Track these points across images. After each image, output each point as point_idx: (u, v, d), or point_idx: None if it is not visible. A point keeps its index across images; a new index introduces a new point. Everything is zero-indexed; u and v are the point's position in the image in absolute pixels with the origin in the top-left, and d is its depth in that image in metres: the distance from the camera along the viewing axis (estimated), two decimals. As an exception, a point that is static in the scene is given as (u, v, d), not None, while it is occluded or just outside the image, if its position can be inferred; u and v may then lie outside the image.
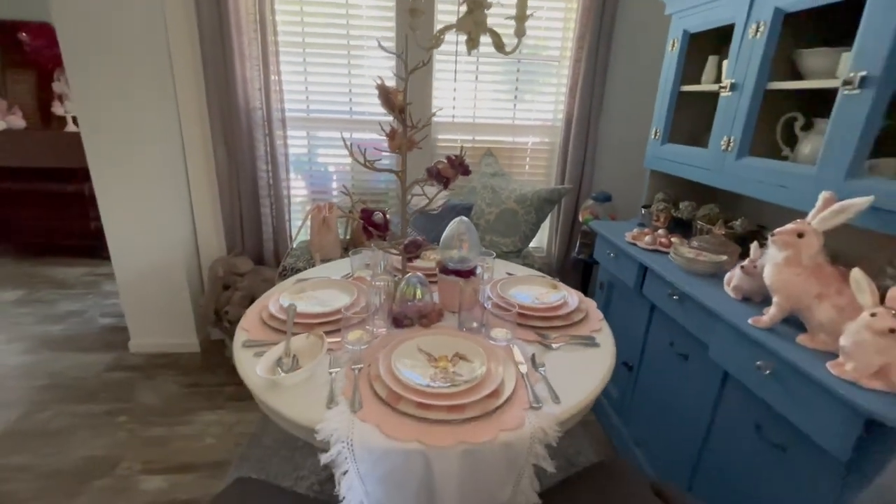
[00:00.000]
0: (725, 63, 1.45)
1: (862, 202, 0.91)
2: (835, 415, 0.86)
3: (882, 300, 0.85)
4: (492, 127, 2.50)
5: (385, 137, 1.25)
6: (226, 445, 1.76)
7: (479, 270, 1.25)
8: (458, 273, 1.22)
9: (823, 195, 1.01)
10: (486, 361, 0.95)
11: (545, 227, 2.65)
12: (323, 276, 1.41)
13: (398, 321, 1.16)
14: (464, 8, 1.05)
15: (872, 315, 0.82)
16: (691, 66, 1.66)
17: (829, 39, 1.23)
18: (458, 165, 1.20)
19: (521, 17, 1.07)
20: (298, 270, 2.04)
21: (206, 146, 2.24)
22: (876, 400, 0.81)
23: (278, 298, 1.21)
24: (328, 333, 1.08)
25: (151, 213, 2.13)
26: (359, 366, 0.96)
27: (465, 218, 1.23)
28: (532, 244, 2.70)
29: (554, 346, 1.10)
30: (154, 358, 2.30)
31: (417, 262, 1.47)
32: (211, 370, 2.24)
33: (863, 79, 0.98)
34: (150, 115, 1.99)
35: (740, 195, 1.58)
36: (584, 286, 2.47)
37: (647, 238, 1.62)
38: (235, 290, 2.20)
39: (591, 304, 1.31)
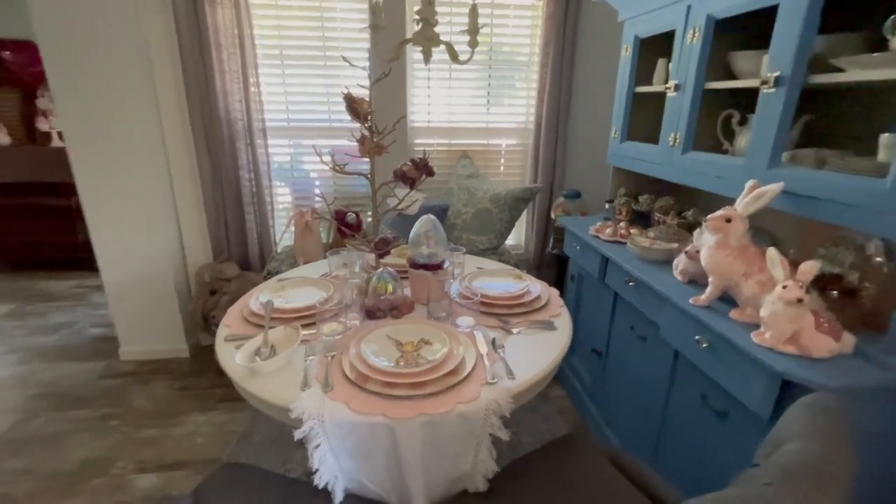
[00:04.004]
0: (671, 65, 1.56)
1: (774, 188, 1.02)
2: (757, 378, 0.97)
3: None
4: (467, 130, 2.61)
5: (357, 144, 1.35)
6: (217, 444, 1.83)
7: (446, 264, 1.35)
8: (426, 267, 1.31)
9: (748, 184, 1.12)
10: (449, 344, 1.04)
11: (521, 224, 2.76)
12: (302, 276, 1.50)
13: (371, 313, 1.25)
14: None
15: (784, 287, 0.93)
16: (644, 68, 1.77)
17: (758, 43, 1.34)
18: (423, 167, 1.29)
19: (473, 31, 1.17)
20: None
21: (189, 157, 2.32)
22: (789, 362, 0.92)
23: (258, 297, 1.29)
24: (306, 327, 1.17)
25: (138, 224, 2.20)
26: (332, 353, 1.05)
27: (431, 216, 1.32)
28: (510, 241, 2.80)
29: (514, 330, 1.19)
30: (144, 364, 2.37)
31: (391, 260, 1.56)
32: (201, 374, 2.30)
33: (776, 78, 1.09)
34: (134, 127, 2.07)
35: (694, 187, 1.69)
36: (560, 280, 2.57)
37: (609, 230, 1.73)
38: (223, 295, 2.28)
39: (553, 293, 1.41)
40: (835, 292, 1.12)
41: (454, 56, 1.19)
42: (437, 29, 1.17)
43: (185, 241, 2.43)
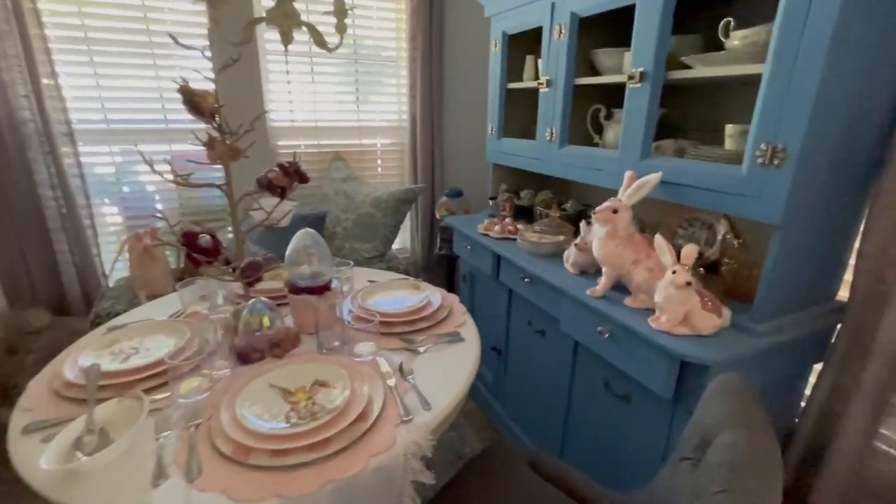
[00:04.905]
0: (541, 61, 1.60)
1: (654, 178, 1.08)
2: (659, 362, 1.00)
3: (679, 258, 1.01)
4: (336, 130, 2.40)
5: (203, 147, 1.09)
6: (37, 555, 1.36)
7: (334, 284, 1.17)
8: (310, 290, 1.11)
9: (627, 174, 1.17)
10: (350, 383, 0.88)
11: (406, 227, 2.65)
12: (144, 320, 1.17)
13: (245, 357, 1.01)
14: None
15: (674, 272, 0.97)
16: (515, 64, 1.79)
17: (617, 41, 1.42)
18: (294, 173, 1.09)
19: (340, 12, 1.01)
20: (118, 314, 1.68)
21: (-48, 173, 1.70)
22: (685, 344, 0.96)
23: (77, 359, 0.95)
24: (154, 390, 0.89)
25: None
26: (196, 422, 0.80)
27: (309, 230, 1.13)
28: (395, 246, 2.68)
29: (421, 349, 1.07)
30: None
31: (264, 284, 1.31)
32: (4, 463, 1.71)
33: (641, 74, 1.15)
34: None
35: (568, 180, 1.77)
36: (451, 280, 2.54)
37: (497, 228, 1.71)
38: (28, 354, 1.72)
39: (453, 300, 1.33)
40: (701, 269, 1.24)
41: (321, 42, 1.01)
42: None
43: (-43, 288, 1.79)
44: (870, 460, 1.08)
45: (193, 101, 0.94)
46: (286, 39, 0.92)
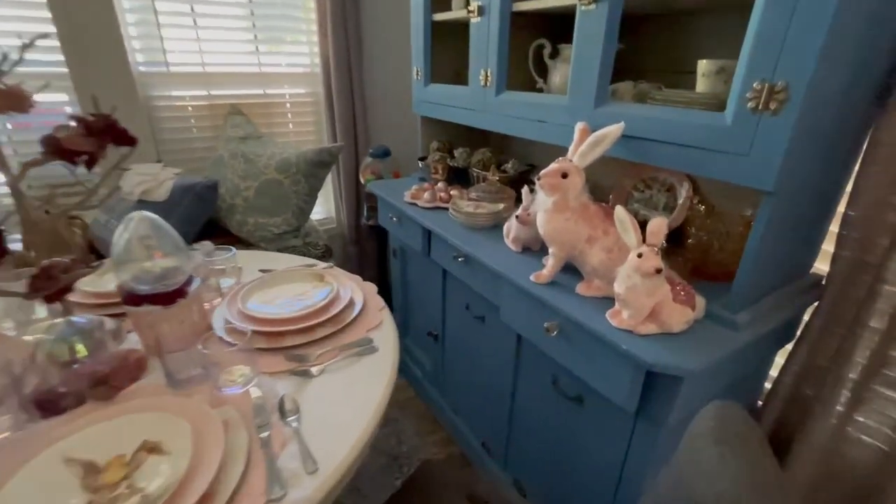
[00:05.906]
0: (471, -16, 1.27)
1: (615, 130, 0.83)
2: (619, 368, 0.80)
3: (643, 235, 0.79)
4: (231, 77, 1.95)
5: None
6: None
7: (194, 284, 0.85)
8: (153, 299, 0.79)
9: (578, 126, 0.92)
10: (193, 443, 0.59)
11: (328, 193, 2.30)
12: None
13: (48, 406, 0.69)
14: None
15: (639, 256, 0.75)
16: (441, -10, 1.45)
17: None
18: (103, 131, 0.73)
19: None
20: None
21: None
22: (653, 348, 0.75)
23: None
24: None
25: None
26: (-82, 544, 0.49)
27: (145, 213, 0.79)
28: (318, 215, 2.33)
29: (315, 370, 0.80)
30: None
31: (99, 287, 0.97)
32: None
33: (597, -10, 0.87)
34: None
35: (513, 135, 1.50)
36: (383, 254, 2.24)
37: (427, 195, 1.43)
38: None
39: (369, 291, 1.05)
40: (664, 242, 1.03)
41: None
42: None
43: None
44: (843, 446, 0.97)
45: None
46: None
